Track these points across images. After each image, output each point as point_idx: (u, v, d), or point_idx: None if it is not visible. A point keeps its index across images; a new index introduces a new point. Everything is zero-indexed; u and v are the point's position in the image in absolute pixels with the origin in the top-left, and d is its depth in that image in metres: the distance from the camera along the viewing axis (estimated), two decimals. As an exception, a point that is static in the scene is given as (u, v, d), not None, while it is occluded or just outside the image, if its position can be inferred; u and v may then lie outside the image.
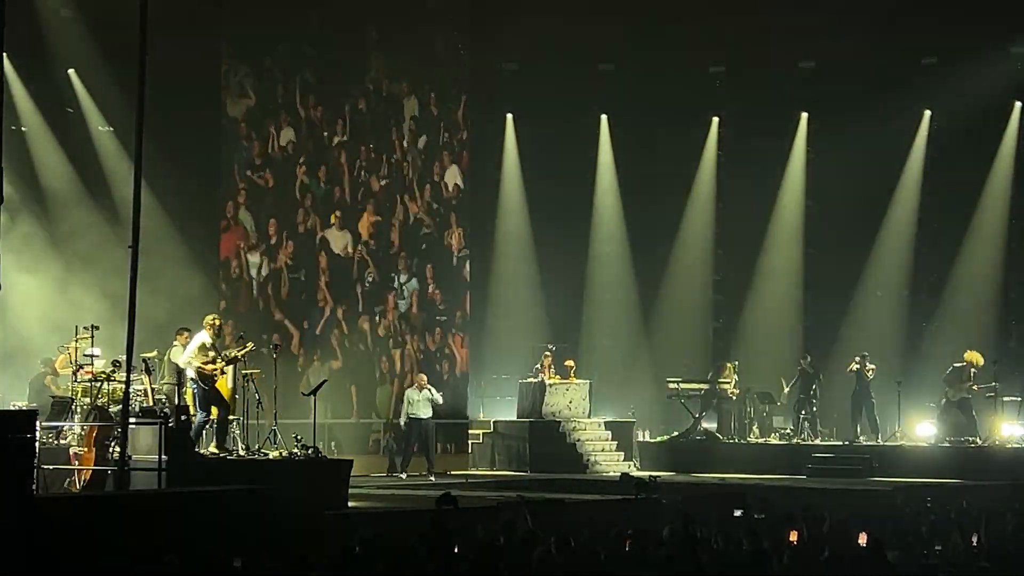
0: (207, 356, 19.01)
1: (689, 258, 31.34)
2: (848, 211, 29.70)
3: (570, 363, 28.16)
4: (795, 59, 29.98)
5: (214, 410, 19.18)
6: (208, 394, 18.95)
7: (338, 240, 26.95)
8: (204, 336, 19.16)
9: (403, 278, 28.04)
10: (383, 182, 27.75)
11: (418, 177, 28.45)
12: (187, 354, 19.08)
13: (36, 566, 11.77)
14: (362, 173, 27.50)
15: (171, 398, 19.38)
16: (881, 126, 28.96)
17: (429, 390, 25.33)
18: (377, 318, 27.47)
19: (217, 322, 19.66)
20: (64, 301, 22.01)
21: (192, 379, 18.95)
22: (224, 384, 19.44)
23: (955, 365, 26.00)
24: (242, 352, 19.82)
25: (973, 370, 25.76)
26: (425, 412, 25.16)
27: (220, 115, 25.05)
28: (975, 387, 25.77)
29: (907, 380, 27.22)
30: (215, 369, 19.01)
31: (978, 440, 25.52)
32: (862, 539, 12.50)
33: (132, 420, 17.22)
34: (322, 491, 18.09)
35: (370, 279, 27.43)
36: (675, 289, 31.25)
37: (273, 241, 25.87)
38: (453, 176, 29.10)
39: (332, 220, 26.79)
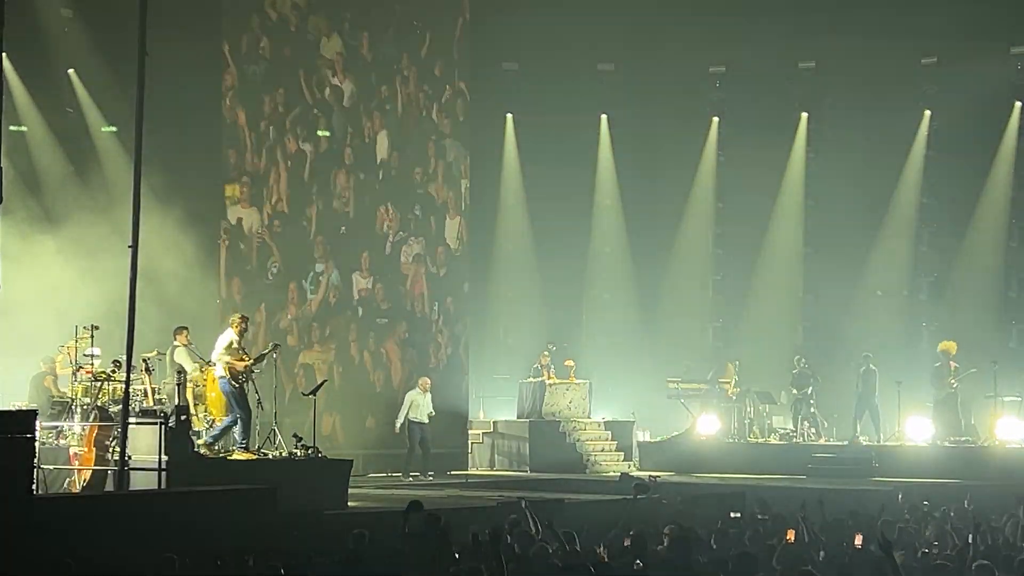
0: (236, 354, 19.01)
1: (689, 258, 31.34)
2: (848, 211, 29.70)
3: (570, 363, 28.17)
4: (795, 59, 30.00)
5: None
6: (239, 392, 18.89)
7: (244, 217, 23.76)
8: (231, 334, 19.13)
9: (319, 267, 24.89)
10: (298, 145, 24.27)
11: (343, 139, 25.04)
12: (217, 351, 19.02)
13: (36, 566, 11.76)
14: (270, 131, 24.03)
15: (172, 397, 19.35)
16: (881, 126, 29.01)
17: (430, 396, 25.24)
18: (279, 317, 24.23)
19: (240, 319, 19.50)
20: (64, 301, 21.99)
21: (221, 377, 18.87)
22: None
23: (935, 365, 26.12)
24: (267, 351, 19.87)
25: (952, 363, 25.83)
26: (424, 416, 25.06)
27: (220, 111, 24.96)
28: (953, 381, 25.81)
29: (907, 380, 27.19)
30: (245, 367, 18.99)
31: (974, 439, 25.54)
32: (857, 540, 12.50)
33: (132, 420, 17.21)
34: (322, 491, 18.10)
35: (275, 269, 24.16)
36: (675, 289, 31.26)
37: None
38: (384, 142, 26.19)
39: (234, 193, 23.49)
